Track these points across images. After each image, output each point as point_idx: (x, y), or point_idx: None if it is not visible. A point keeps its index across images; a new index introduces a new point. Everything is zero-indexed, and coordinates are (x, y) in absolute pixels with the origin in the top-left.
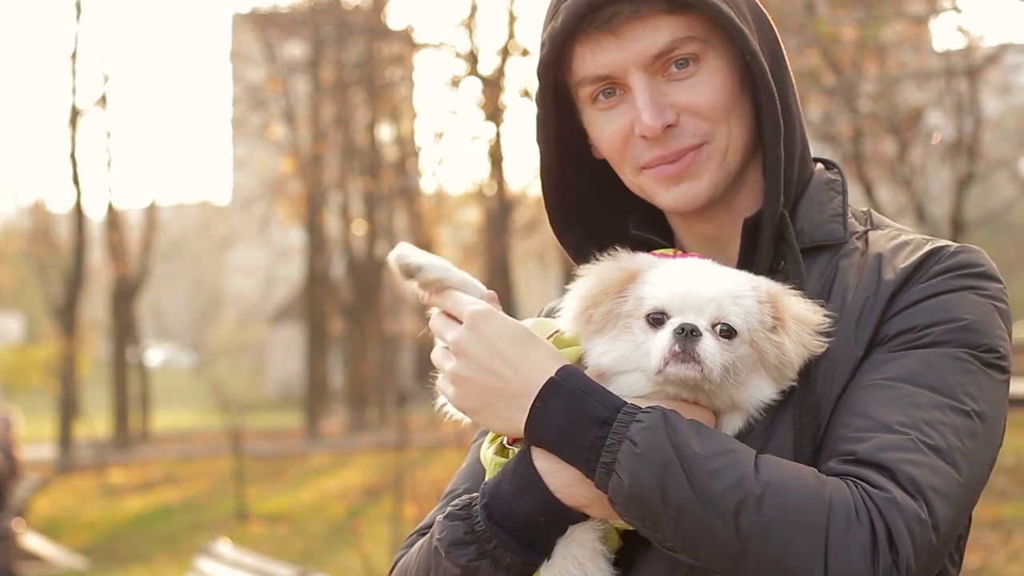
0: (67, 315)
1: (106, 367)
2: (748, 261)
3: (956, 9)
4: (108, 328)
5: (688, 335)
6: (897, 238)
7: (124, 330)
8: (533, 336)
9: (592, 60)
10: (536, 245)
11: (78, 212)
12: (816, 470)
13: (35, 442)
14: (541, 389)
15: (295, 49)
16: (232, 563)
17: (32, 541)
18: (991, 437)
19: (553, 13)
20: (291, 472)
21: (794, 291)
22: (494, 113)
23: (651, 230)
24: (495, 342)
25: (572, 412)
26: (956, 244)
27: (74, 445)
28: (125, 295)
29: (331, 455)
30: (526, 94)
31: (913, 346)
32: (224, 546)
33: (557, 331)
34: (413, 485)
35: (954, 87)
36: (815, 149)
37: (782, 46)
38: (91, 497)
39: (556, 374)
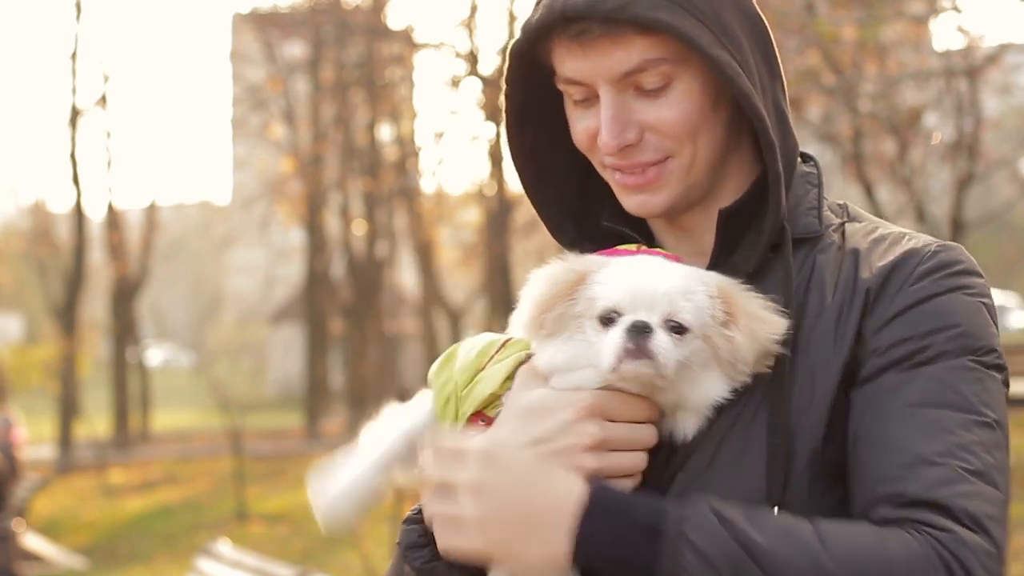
0: (67, 315)
1: (106, 367)
2: (723, 251)
3: (956, 9)
4: (108, 328)
5: (640, 332)
6: (874, 232)
7: (124, 330)
8: (539, 460)
9: (563, 65)
10: (536, 245)
11: (78, 212)
12: (871, 523)
13: (35, 442)
14: (580, 513)
15: (295, 49)
16: (232, 563)
17: (32, 541)
18: (1007, 441)
19: (536, 1)
20: (291, 472)
21: (746, 286)
22: (494, 113)
23: (624, 222)
24: (513, 473)
25: (617, 529)
26: (934, 241)
27: (74, 445)
28: (125, 295)
29: (331, 455)
30: None
31: (919, 362)
32: (224, 546)
33: (509, 338)
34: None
35: (954, 87)
36: (815, 149)
37: (774, 44)
38: (91, 497)
39: (588, 494)
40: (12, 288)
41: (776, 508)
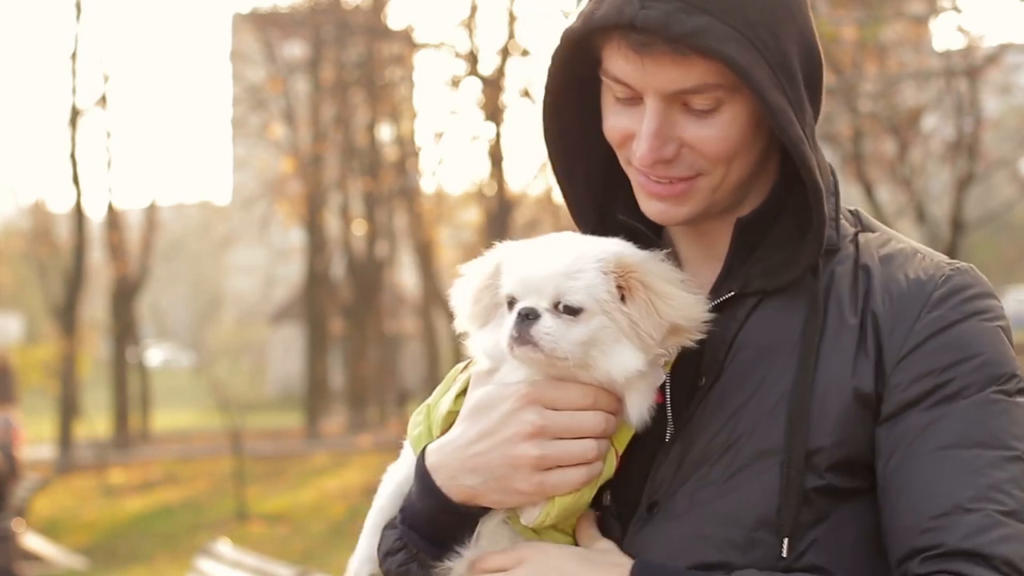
0: (67, 315)
1: (106, 367)
2: (738, 258)
3: (956, 9)
4: (108, 328)
5: (525, 319)
6: (886, 245)
7: (124, 330)
8: (584, 550)
9: (614, 64)
10: None
11: (78, 212)
12: None
13: (35, 442)
14: None
15: (295, 49)
16: (232, 563)
17: (32, 541)
18: None
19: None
20: (291, 472)
21: (661, 260)
22: (494, 113)
23: (639, 217)
24: (564, 569)
25: None
26: (947, 263)
27: (74, 445)
28: (125, 295)
29: (331, 455)
30: (526, 94)
31: (944, 398)
32: (224, 546)
33: (470, 360)
34: None
35: (954, 87)
36: None
37: (823, 76)
38: (91, 497)
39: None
40: (12, 288)
41: (785, 542)
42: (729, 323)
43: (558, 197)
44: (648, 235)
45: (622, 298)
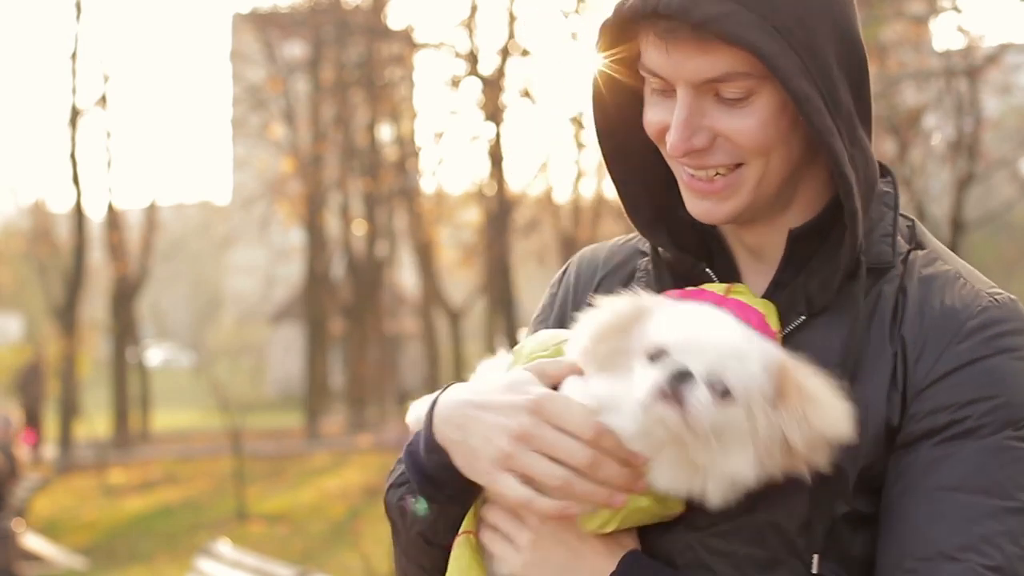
0: (67, 315)
1: (106, 367)
2: (789, 272)
3: (956, 9)
4: (108, 328)
5: (681, 377)
6: (930, 266)
7: (124, 330)
8: (589, 537)
9: (647, 55)
10: (536, 245)
11: (78, 212)
12: None
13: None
14: None
15: (295, 49)
16: (232, 563)
17: (32, 541)
18: None
19: None
20: (291, 472)
21: (810, 368)
22: (494, 113)
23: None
24: (564, 547)
25: None
26: (988, 292)
27: (74, 445)
28: (125, 295)
29: (331, 455)
30: (526, 94)
31: (954, 436)
32: (224, 546)
33: (564, 341)
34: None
35: (954, 87)
36: None
37: (867, 71)
38: (91, 497)
39: (617, 566)
40: (12, 288)
41: (816, 559)
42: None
43: (558, 197)
44: (707, 230)
45: (771, 402)
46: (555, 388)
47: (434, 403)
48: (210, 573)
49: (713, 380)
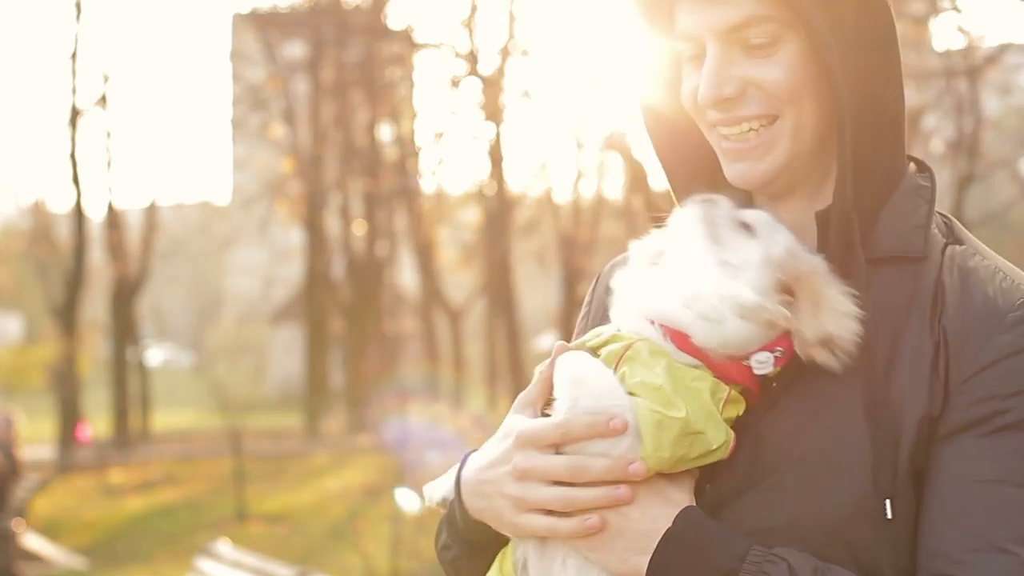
0: (67, 315)
1: (106, 367)
2: (823, 255)
3: (956, 9)
4: (108, 328)
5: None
6: (970, 259)
7: (124, 330)
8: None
9: (679, 20)
10: (536, 245)
11: (78, 212)
12: None
13: (35, 442)
14: (660, 541)
15: (295, 49)
16: (232, 563)
17: (32, 541)
18: None
19: None
20: (291, 472)
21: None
22: (494, 113)
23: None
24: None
25: (693, 565)
26: None
27: (74, 445)
28: (125, 295)
29: (331, 455)
30: (526, 94)
31: (1000, 427)
32: (224, 546)
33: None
34: (414, 485)
35: (954, 87)
36: None
37: (896, 45)
38: (91, 497)
39: (673, 522)
40: (12, 288)
41: (888, 503)
42: None
43: (558, 197)
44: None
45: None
46: (549, 402)
47: (458, 480)
48: (210, 573)
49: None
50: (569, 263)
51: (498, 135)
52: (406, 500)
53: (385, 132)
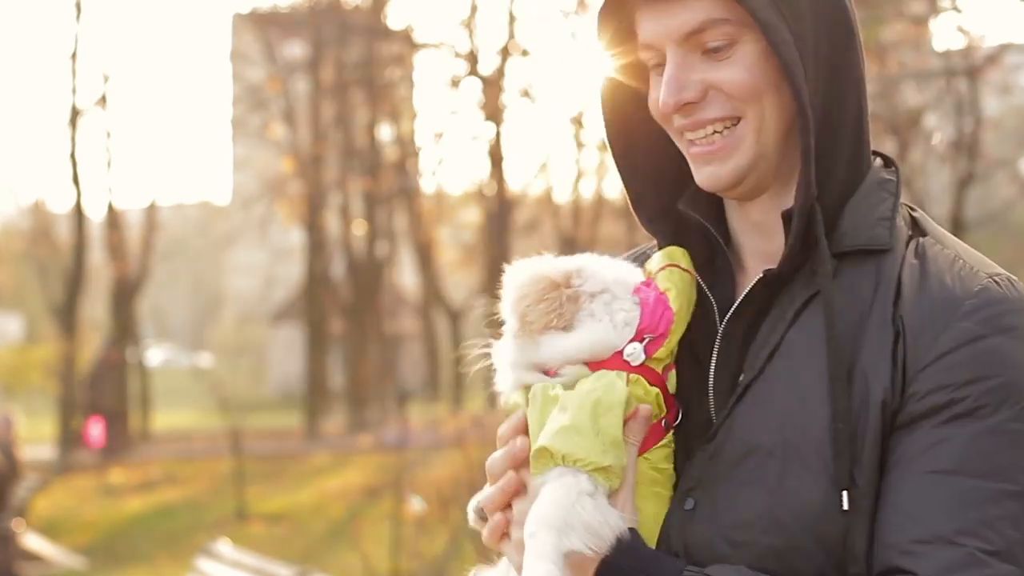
0: (67, 315)
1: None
2: (791, 254)
3: (956, 9)
4: (108, 328)
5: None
6: (932, 247)
7: (124, 330)
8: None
9: (641, 31)
10: (536, 245)
11: (78, 212)
12: None
13: (35, 442)
14: (599, 569)
15: (295, 49)
16: (232, 563)
17: (32, 541)
18: None
19: None
20: (291, 472)
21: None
22: (494, 113)
23: (702, 210)
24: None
25: None
26: (988, 273)
27: (74, 445)
28: (125, 295)
29: (331, 455)
30: (526, 94)
31: (954, 416)
32: (224, 546)
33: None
34: (413, 485)
35: (954, 87)
36: None
37: (857, 38)
38: (91, 497)
39: (612, 552)
40: (12, 288)
41: (846, 496)
42: (776, 322)
43: (558, 197)
44: (706, 226)
45: None
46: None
47: None
48: (210, 573)
49: None
50: None
51: (498, 135)
52: (416, 504)
53: (385, 132)
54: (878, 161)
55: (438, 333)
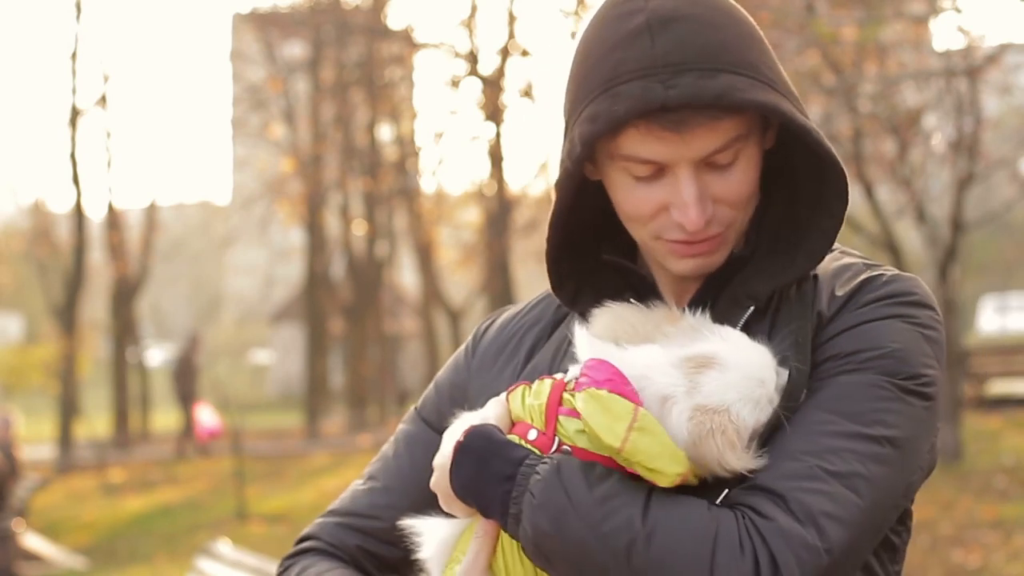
0: (67, 315)
1: (106, 367)
2: (713, 284)
3: (956, 9)
4: (108, 328)
5: None
6: (839, 261)
7: (124, 330)
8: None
9: (645, 147)
10: (536, 245)
11: (78, 212)
12: (708, 504)
13: (35, 442)
14: (453, 452)
15: (295, 49)
16: (232, 563)
17: (32, 541)
18: (904, 462)
19: (605, 86)
20: (291, 472)
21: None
22: (494, 113)
23: (623, 254)
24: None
25: (482, 471)
26: (892, 271)
27: (74, 445)
28: (125, 295)
29: (331, 455)
30: (526, 94)
31: (835, 373)
32: (224, 546)
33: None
34: None
35: (954, 87)
36: None
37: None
38: (91, 497)
39: (464, 436)
40: (12, 288)
41: None
42: None
43: None
44: (629, 266)
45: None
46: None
47: None
48: (210, 573)
49: None
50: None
51: (498, 135)
52: None
53: (385, 132)
54: None
55: (438, 333)
